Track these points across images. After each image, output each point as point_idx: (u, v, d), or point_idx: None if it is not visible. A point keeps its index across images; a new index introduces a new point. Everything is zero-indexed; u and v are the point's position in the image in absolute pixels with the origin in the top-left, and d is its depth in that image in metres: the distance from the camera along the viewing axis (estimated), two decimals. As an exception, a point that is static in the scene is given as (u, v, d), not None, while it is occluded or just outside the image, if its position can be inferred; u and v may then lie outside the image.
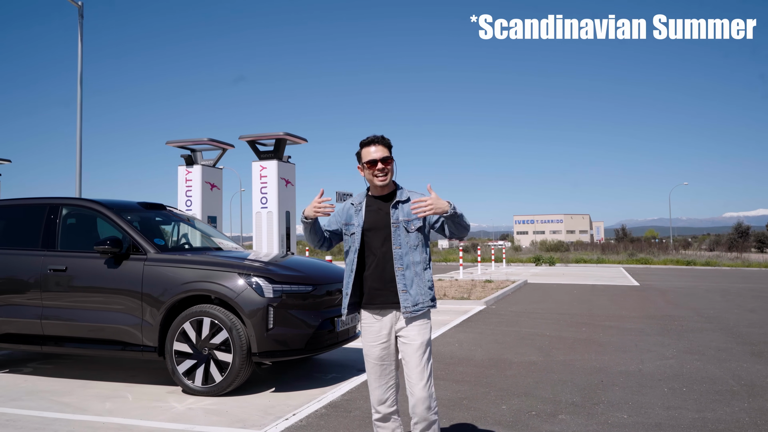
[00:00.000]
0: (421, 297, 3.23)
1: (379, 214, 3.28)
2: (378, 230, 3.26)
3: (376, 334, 3.28)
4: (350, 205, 3.39)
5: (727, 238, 52.95)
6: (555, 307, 12.40)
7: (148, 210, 6.58)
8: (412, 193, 3.32)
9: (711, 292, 15.87)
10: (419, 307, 3.22)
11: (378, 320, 3.28)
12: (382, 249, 3.25)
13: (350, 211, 3.36)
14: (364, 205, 3.33)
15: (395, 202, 3.28)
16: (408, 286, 3.21)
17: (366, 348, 3.33)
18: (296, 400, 5.12)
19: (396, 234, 3.23)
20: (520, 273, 24.38)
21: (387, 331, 3.28)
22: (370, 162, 3.23)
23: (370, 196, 3.36)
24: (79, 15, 15.89)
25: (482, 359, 6.85)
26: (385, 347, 3.28)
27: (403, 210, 3.26)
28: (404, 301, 3.19)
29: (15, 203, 6.52)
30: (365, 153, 3.26)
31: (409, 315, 3.19)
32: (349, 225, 3.34)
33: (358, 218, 3.30)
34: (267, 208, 12.58)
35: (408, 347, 3.21)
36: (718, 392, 5.37)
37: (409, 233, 3.25)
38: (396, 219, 3.24)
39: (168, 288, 5.38)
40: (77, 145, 15.92)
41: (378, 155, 3.22)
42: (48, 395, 5.35)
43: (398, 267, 3.21)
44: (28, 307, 5.83)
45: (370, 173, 3.26)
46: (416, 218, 3.23)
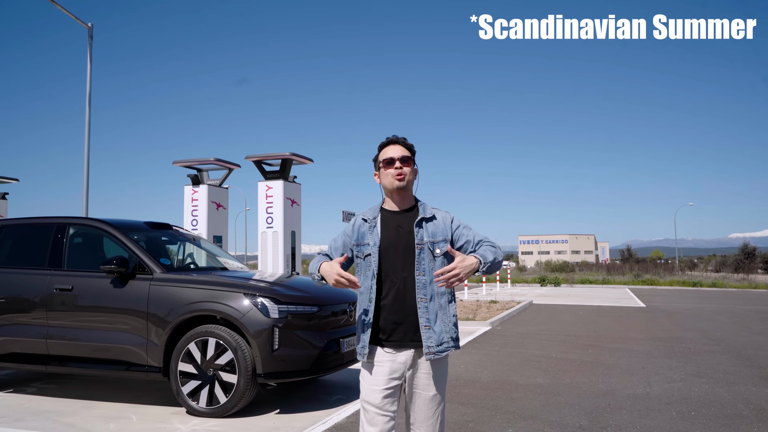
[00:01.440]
0: (445, 335, 2.74)
1: (400, 233, 2.77)
2: (397, 252, 2.75)
3: (387, 377, 2.71)
4: (362, 222, 2.85)
5: (733, 259, 52.67)
6: (561, 328, 12.32)
7: (154, 229, 6.60)
8: (437, 211, 2.84)
9: (718, 314, 15.76)
10: (443, 347, 2.72)
11: (391, 360, 2.72)
12: (402, 274, 2.72)
13: (362, 229, 2.83)
14: (380, 221, 2.81)
15: (419, 219, 2.78)
16: (432, 321, 2.70)
17: (366, 392, 2.74)
18: (301, 422, 5.09)
19: (420, 258, 2.72)
20: (525, 294, 24.28)
21: (399, 374, 2.73)
22: (386, 160, 2.79)
23: (386, 211, 2.85)
24: (88, 36, 16.09)
25: (488, 381, 6.80)
26: (391, 392, 2.73)
27: (428, 229, 2.77)
28: (427, 340, 2.68)
29: (22, 222, 6.55)
30: (383, 153, 2.84)
31: (432, 357, 2.68)
32: (361, 246, 2.80)
33: (374, 236, 2.77)
34: (272, 228, 12.61)
35: (421, 397, 2.72)
36: (726, 416, 5.31)
37: (435, 258, 2.74)
38: (421, 239, 2.74)
39: (173, 308, 5.38)
40: (84, 165, 16.03)
41: (396, 153, 2.79)
42: (52, 415, 5.33)
43: (421, 297, 2.70)
44: (33, 327, 5.83)
45: (387, 173, 2.79)
46: (444, 240, 2.76)
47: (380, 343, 2.73)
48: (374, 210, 2.87)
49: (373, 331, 2.74)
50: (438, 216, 2.82)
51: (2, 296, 6.06)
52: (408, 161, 2.80)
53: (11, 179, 16.03)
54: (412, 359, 2.73)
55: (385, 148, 2.85)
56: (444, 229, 2.78)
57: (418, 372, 2.73)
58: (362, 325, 2.75)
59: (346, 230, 2.90)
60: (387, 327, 2.72)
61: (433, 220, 2.79)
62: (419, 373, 2.73)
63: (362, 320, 2.75)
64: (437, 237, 2.76)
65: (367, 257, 2.78)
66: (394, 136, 2.87)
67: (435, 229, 2.77)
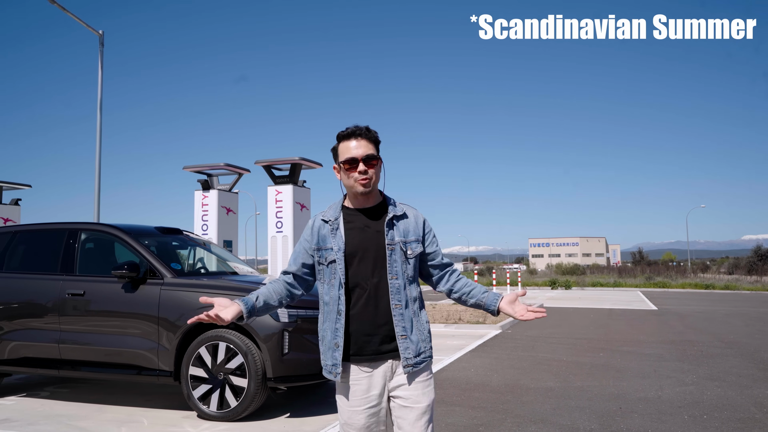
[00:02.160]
0: (423, 344, 2.47)
1: (367, 233, 2.46)
2: (366, 255, 2.44)
3: (364, 396, 2.43)
4: (322, 223, 2.52)
5: (746, 262, 52.18)
6: (572, 331, 12.27)
7: (164, 234, 6.65)
8: (407, 208, 2.56)
9: (731, 317, 15.63)
10: (422, 357, 2.46)
11: (367, 375, 2.43)
12: (373, 280, 2.43)
13: (322, 231, 2.50)
14: (342, 221, 2.49)
15: (390, 217, 2.47)
16: (408, 329, 2.43)
17: (346, 414, 2.46)
18: (311, 425, 5.10)
19: (392, 260, 2.43)
20: (536, 297, 24.19)
21: (379, 390, 2.44)
22: (348, 161, 2.42)
23: (348, 209, 2.52)
24: (99, 43, 16.23)
25: (498, 385, 6.78)
26: (374, 412, 2.44)
27: (399, 228, 2.48)
28: (405, 350, 2.41)
29: (35, 228, 6.62)
30: (343, 149, 2.46)
31: (411, 369, 2.41)
32: (322, 250, 2.48)
33: (337, 239, 2.45)
34: (282, 233, 12.65)
35: (409, 412, 2.42)
36: (739, 420, 5.27)
37: (408, 260, 2.47)
38: (392, 239, 2.45)
39: (184, 312, 5.41)
40: (96, 170, 16.16)
41: (359, 152, 2.41)
42: (65, 419, 5.37)
43: (396, 304, 2.42)
44: (46, 331, 5.88)
45: (349, 177, 2.44)
46: (416, 240, 2.50)
47: (354, 359, 2.43)
48: (335, 209, 2.54)
49: (344, 347, 2.43)
50: (409, 213, 2.54)
51: (15, 301, 6.13)
52: (373, 160, 2.44)
53: (24, 185, 16.17)
54: (391, 372, 2.45)
55: (345, 143, 2.46)
56: (416, 228, 2.52)
57: (401, 385, 2.44)
58: (331, 340, 2.45)
59: (305, 234, 2.57)
60: (358, 340, 2.42)
61: (404, 219, 2.51)
62: (402, 387, 2.44)
63: (331, 335, 2.45)
64: (409, 236, 2.49)
65: (330, 264, 2.46)
66: (355, 126, 2.48)
67: (406, 228, 2.49)
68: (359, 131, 2.45)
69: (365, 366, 2.43)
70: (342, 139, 2.47)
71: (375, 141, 2.48)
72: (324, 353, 2.49)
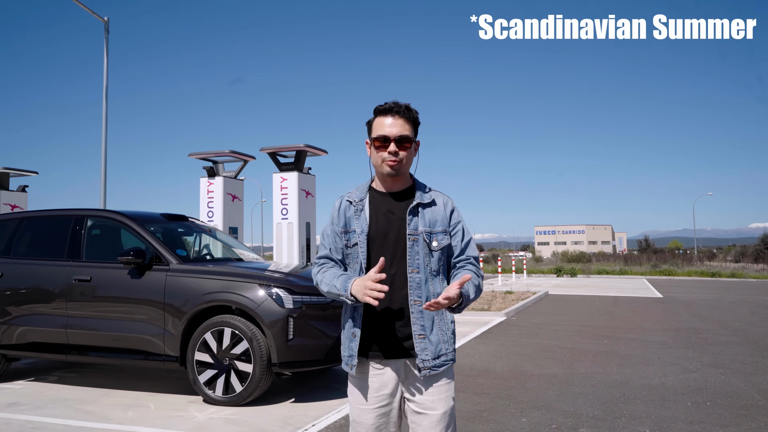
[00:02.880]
0: (443, 345, 2.27)
1: (390, 219, 2.29)
2: (386, 242, 2.28)
3: (374, 394, 2.28)
4: (347, 204, 2.36)
5: (753, 250, 51.93)
6: (576, 318, 12.28)
7: (170, 221, 6.68)
8: (437, 195, 2.36)
9: (736, 305, 15.60)
10: (442, 360, 2.27)
11: (379, 373, 2.29)
12: (391, 271, 2.24)
13: (348, 213, 2.35)
14: (367, 203, 2.33)
15: (415, 204, 2.29)
16: (427, 328, 2.25)
17: (356, 412, 2.33)
18: (315, 410, 5.14)
19: (413, 251, 2.25)
20: (541, 284, 24.20)
21: (390, 390, 2.28)
22: (379, 138, 2.26)
23: (376, 192, 2.35)
24: (105, 30, 16.21)
25: (502, 371, 6.81)
26: (384, 413, 2.29)
27: (425, 217, 2.28)
28: (422, 351, 2.22)
29: (42, 215, 6.66)
30: (377, 124, 2.29)
31: (429, 372, 2.23)
32: (348, 233, 2.33)
33: (360, 222, 2.30)
34: (287, 219, 12.67)
35: (423, 419, 2.26)
36: (743, 407, 5.28)
37: (432, 253, 2.27)
38: (414, 229, 2.26)
39: (190, 298, 5.45)
40: (102, 158, 16.21)
41: (393, 131, 2.24)
42: (72, 403, 5.43)
43: (414, 300, 2.24)
44: (53, 317, 5.93)
45: (377, 156, 2.28)
46: (443, 231, 2.30)
47: (366, 353, 2.29)
48: (361, 190, 2.37)
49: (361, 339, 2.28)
50: (439, 201, 2.34)
51: (23, 287, 6.18)
52: (407, 143, 2.27)
53: (31, 172, 16.24)
54: (405, 372, 2.28)
55: (380, 118, 2.29)
56: (444, 217, 2.32)
57: (416, 388, 2.27)
58: (349, 329, 2.31)
59: (333, 216, 2.39)
60: (373, 334, 2.28)
61: (432, 206, 2.31)
62: (417, 389, 2.27)
63: (350, 325, 2.30)
64: (436, 226, 2.29)
65: (354, 247, 2.30)
66: (394, 102, 2.29)
67: (433, 217, 2.30)
68: (397, 108, 2.27)
69: (377, 362, 2.29)
70: (378, 113, 2.30)
71: (413, 122, 2.30)
72: (343, 343, 2.35)
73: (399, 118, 2.26)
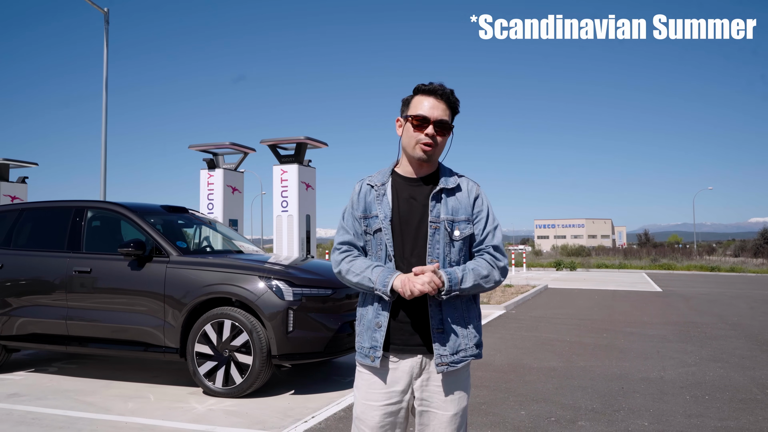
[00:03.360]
0: (464, 341, 2.13)
1: (412, 205, 2.15)
2: (408, 229, 2.14)
3: (386, 389, 2.14)
4: (368, 188, 2.23)
5: (752, 244, 52.01)
6: (576, 312, 12.30)
7: (170, 213, 6.67)
8: (463, 180, 2.22)
9: (736, 299, 15.63)
10: (461, 356, 2.13)
11: (393, 367, 2.15)
12: (411, 260, 2.11)
13: (368, 197, 2.21)
14: (390, 188, 2.19)
15: (438, 190, 2.15)
16: (447, 322, 2.11)
17: (360, 408, 2.18)
18: (315, 402, 5.15)
19: (434, 239, 2.12)
20: (540, 278, 24.23)
21: (403, 386, 2.14)
22: (419, 118, 2.11)
23: (399, 176, 2.22)
24: (105, 21, 16.16)
25: (502, 364, 6.82)
26: (392, 411, 2.14)
27: (448, 204, 2.15)
28: (439, 347, 2.09)
29: (42, 206, 6.65)
30: (416, 103, 2.15)
31: (445, 368, 2.10)
32: (367, 218, 2.19)
33: (383, 206, 2.16)
34: (287, 212, 12.67)
35: (435, 418, 2.14)
36: (741, 400, 5.29)
37: (453, 242, 2.14)
38: (436, 216, 2.13)
39: (190, 290, 5.45)
40: (102, 149, 16.18)
41: (435, 113, 2.11)
42: (72, 394, 5.45)
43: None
44: (53, 308, 5.94)
45: (412, 135, 2.14)
46: (467, 220, 2.16)
47: (386, 346, 2.15)
48: (383, 174, 2.23)
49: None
50: (463, 187, 2.20)
51: (23, 278, 6.19)
52: (445, 128, 2.14)
53: (31, 163, 16.22)
54: (420, 368, 2.14)
55: (421, 97, 2.15)
56: (467, 205, 2.18)
57: (429, 386, 2.14)
58: (372, 319, 2.15)
59: (352, 200, 2.26)
60: (390, 326, 2.14)
61: (457, 193, 2.18)
62: (431, 388, 2.14)
63: (373, 314, 2.15)
64: (459, 214, 2.15)
65: (376, 233, 2.16)
66: (440, 84, 2.16)
67: (457, 205, 2.16)
68: (442, 91, 2.13)
69: (394, 356, 2.15)
70: (420, 92, 2.16)
71: (454, 109, 2.17)
72: (361, 334, 2.19)
73: (442, 101, 2.14)
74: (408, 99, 2.19)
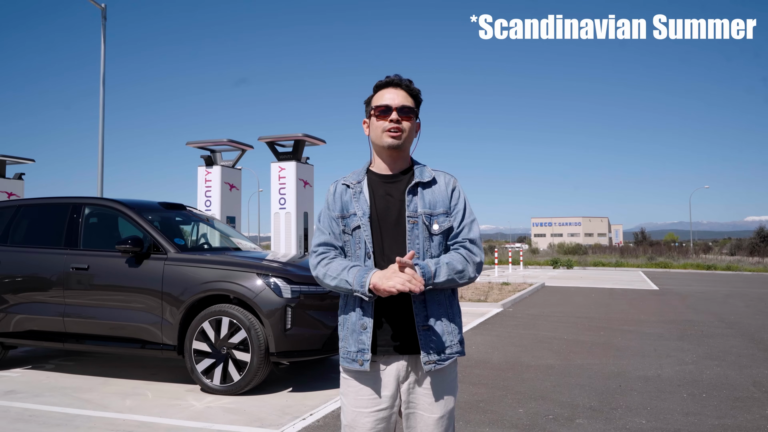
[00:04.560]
0: (448, 337, 2.10)
1: (389, 202, 2.13)
2: (386, 226, 2.11)
3: (373, 396, 2.09)
4: (343, 188, 2.19)
5: (748, 243, 52.12)
6: (573, 310, 12.32)
7: (168, 210, 6.66)
8: (438, 174, 2.20)
9: (732, 297, 15.67)
10: (447, 354, 2.09)
11: (381, 370, 2.10)
12: (391, 256, 2.05)
13: (344, 197, 2.17)
14: (366, 186, 2.17)
15: (414, 183, 2.14)
16: (431, 319, 2.07)
17: (351, 416, 2.12)
18: (313, 400, 5.15)
19: (412, 234, 2.08)
20: (537, 276, 24.26)
21: (391, 390, 2.10)
22: (381, 108, 2.13)
23: (374, 174, 2.20)
24: (102, 17, 16.11)
25: (499, 362, 6.83)
26: (383, 417, 2.10)
27: (424, 198, 2.13)
28: (425, 345, 2.05)
29: (38, 202, 6.63)
30: (377, 97, 2.17)
31: (433, 366, 2.05)
32: (345, 218, 2.14)
33: (360, 203, 2.13)
34: (285, 209, 12.66)
35: (422, 421, 2.10)
36: (738, 399, 5.31)
37: (432, 237, 2.11)
38: (414, 211, 2.10)
39: (188, 287, 5.44)
40: (99, 146, 16.14)
41: (396, 101, 2.12)
42: (70, 392, 5.44)
43: None
44: (50, 305, 5.92)
45: (378, 125, 2.14)
46: (445, 213, 2.13)
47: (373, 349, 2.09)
48: (358, 173, 2.22)
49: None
50: (440, 180, 2.18)
51: (20, 275, 6.17)
52: (409, 113, 2.14)
53: (27, 160, 16.17)
54: (406, 371, 2.10)
55: (381, 91, 2.18)
56: (445, 198, 2.15)
57: (416, 388, 2.10)
58: (356, 321, 2.09)
59: (327, 201, 2.22)
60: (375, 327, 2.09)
61: (432, 186, 2.16)
62: (417, 389, 2.10)
63: (357, 315, 2.10)
64: (437, 208, 2.12)
65: (355, 231, 2.12)
66: (396, 76, 2.18)
67: (434, 198, 2.14)
68: (399, 81, 2.16)
69: (381, 359, 2.09)
70: (379, 88, 2.19)
71: (415, 97, 2.18)
72: (345, 338, 2.13)
73: (401, 90, 2.15)
74: (369, 98, 2.21)
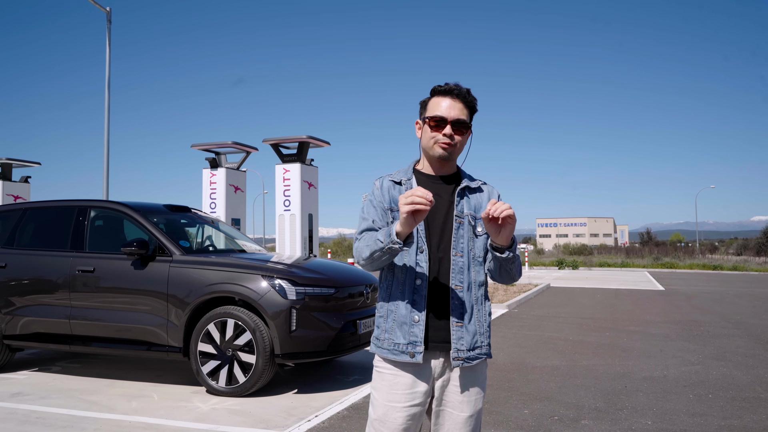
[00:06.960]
0: (480, 337, 2.13)
1: (438, 201, 2.10)
2: (435, 223, 2.14)
3: (408, 391, 2.09)
4: (391, 184, 2.21)
5: (755, 242, 51.90)
6: (578, 311, 12.30)
7: (173, 212, 6.68)
8: (483, 184, 2.25)
9: (738, 298, 15.61)
10: (477, 352, 2.12)
11: (419, 366, 2.10)
12: (438, 255, 2.11)
13: (393, 192, 2.18)
14: (415, 183, 2.18)
15: (463, 187, 2.18)
16: (465, 317, 2.10)
17: (382, 410, 2.11)
18: (318, 401, 5.16)
19: (458, 234, 2.12)
20: (542, 276, 24.21)
21: (425, 387, 2.10)
22: (435, 119, 2.12)
23: (421, 173, 2.22)
24: (107, 20, 16.17)
25: (504, 363, 6.82)
26: (415, 413, 2.09)
27: (471, 201, 2.18)
28: (457, 341, 2.07)
29: (45, 205, 6.66)
30: (433, 104, 2.15)
31: (462, 363, 2.08)
32: (395, 211, 2.14)
33: None
34: (290, 211, 12.69)
35: (451, 419, 2.12)
36: (744, 399, 5.29)
37: (477, 237, 2.15)
38: (461, 211, 2.15)
39: (193, 289, 5.46)
40: (105, 149, 16.20)
41: (451, 113, 2.11)
42: (76, 394, 5.46)
43: (456, 285, 2.10)
44: (57, 307, 5.95)
45: (430, 136, 2.14)
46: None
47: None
48: (406, 171, 2.23)
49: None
50: (484, 189, 2.24)
51: (26, 278, 6.20)
52: (463, 127, 2.13)
53: (33, 163, 16.26)
54: (442, 367, 2.11)
55: (438, 98, 2.16)
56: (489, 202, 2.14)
57: (449, 385, 2.12)
58: (407, 314, 2.08)
59: (374, 194, 2.22)
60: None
61: (478, 192, 2.21)
62: (450, 387, 2.12)
63: (407, 307, 2.09)
64: (480, 212, 2.16)
65: None
66: (456, 84, 2.15)
67: (479, 202, 2.19)
68: (458, 91, 2.13)
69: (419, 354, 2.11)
70: (436, 93, 2.17)
71: (471, 108, 2.17)
72: (391, 330, 2.11)
73: (458, 101, 2.14)
74: (425, 101, 2.21)
